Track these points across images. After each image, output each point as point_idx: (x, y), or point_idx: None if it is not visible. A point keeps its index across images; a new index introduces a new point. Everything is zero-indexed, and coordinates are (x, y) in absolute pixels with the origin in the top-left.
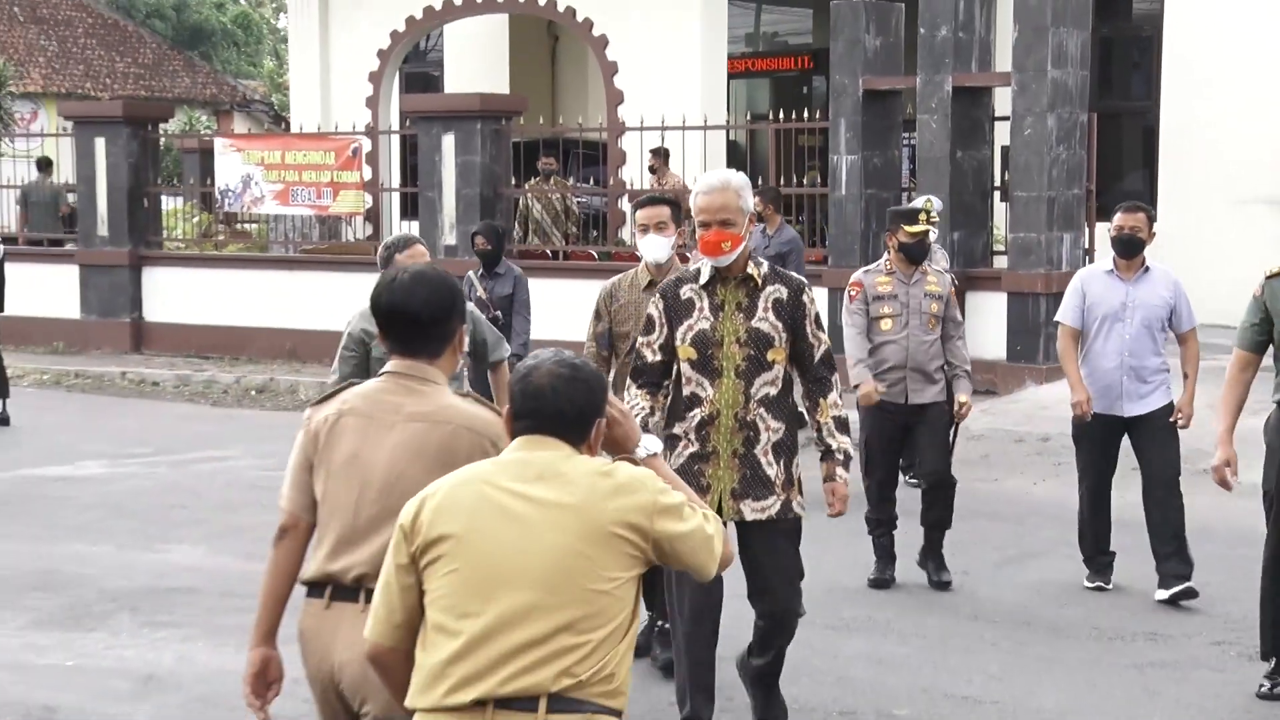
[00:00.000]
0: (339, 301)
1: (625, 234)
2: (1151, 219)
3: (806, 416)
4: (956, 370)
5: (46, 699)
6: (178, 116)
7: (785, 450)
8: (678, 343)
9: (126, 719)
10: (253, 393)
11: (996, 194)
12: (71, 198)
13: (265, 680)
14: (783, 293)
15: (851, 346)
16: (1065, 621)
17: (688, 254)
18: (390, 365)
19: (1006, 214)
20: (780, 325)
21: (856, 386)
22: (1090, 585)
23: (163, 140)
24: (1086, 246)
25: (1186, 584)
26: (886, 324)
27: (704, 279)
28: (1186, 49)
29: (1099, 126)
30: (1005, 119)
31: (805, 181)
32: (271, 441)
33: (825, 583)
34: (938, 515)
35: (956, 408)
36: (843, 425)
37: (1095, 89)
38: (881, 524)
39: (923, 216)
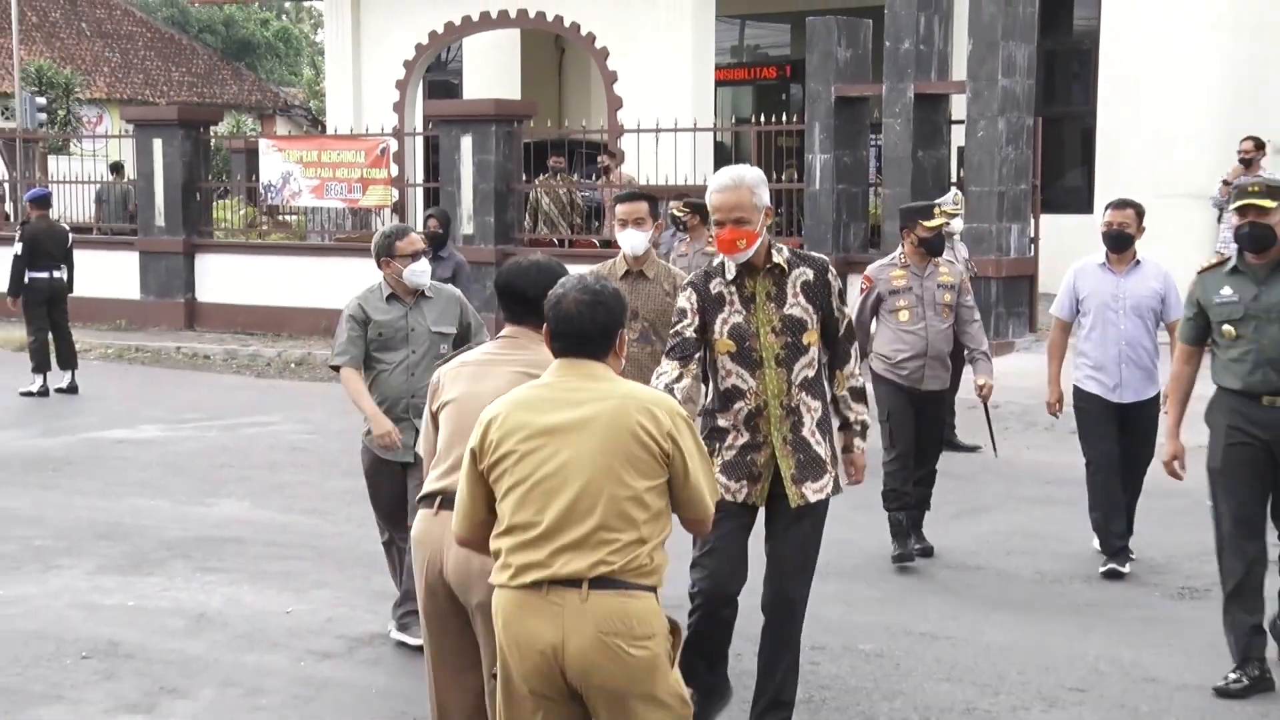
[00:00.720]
0: (368, 284)
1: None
2: (1140, 214)
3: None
4: (975, 353)
5: (111, 634)
6: (226, 120)
7: (827, 426)
8: (715, 336)
9: (180, 653)
10: (292, 365)
11: (953, 188)
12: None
13: None
14: (809, 274)
15: (862, 340)
16: (1011, 567)
17: (658, 243)
18: (504, 331)
19: (962, 206)
20: (811, 308)
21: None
22: (1106, 570)
23: (213, 141)
24: (1032, 235)
25: (1123, 563)
26: (904, 315)
27: (731, 274)
28: (1120, 61)
29: (1043, 129)
30: (960, 122)
31: (784, 178)
32: (308, 409)
33: None
34: (923, 493)
35: (977, 389)
36: (859, 395)
37: (1040, 96)
38: (901, 497)
39: (937, 210)
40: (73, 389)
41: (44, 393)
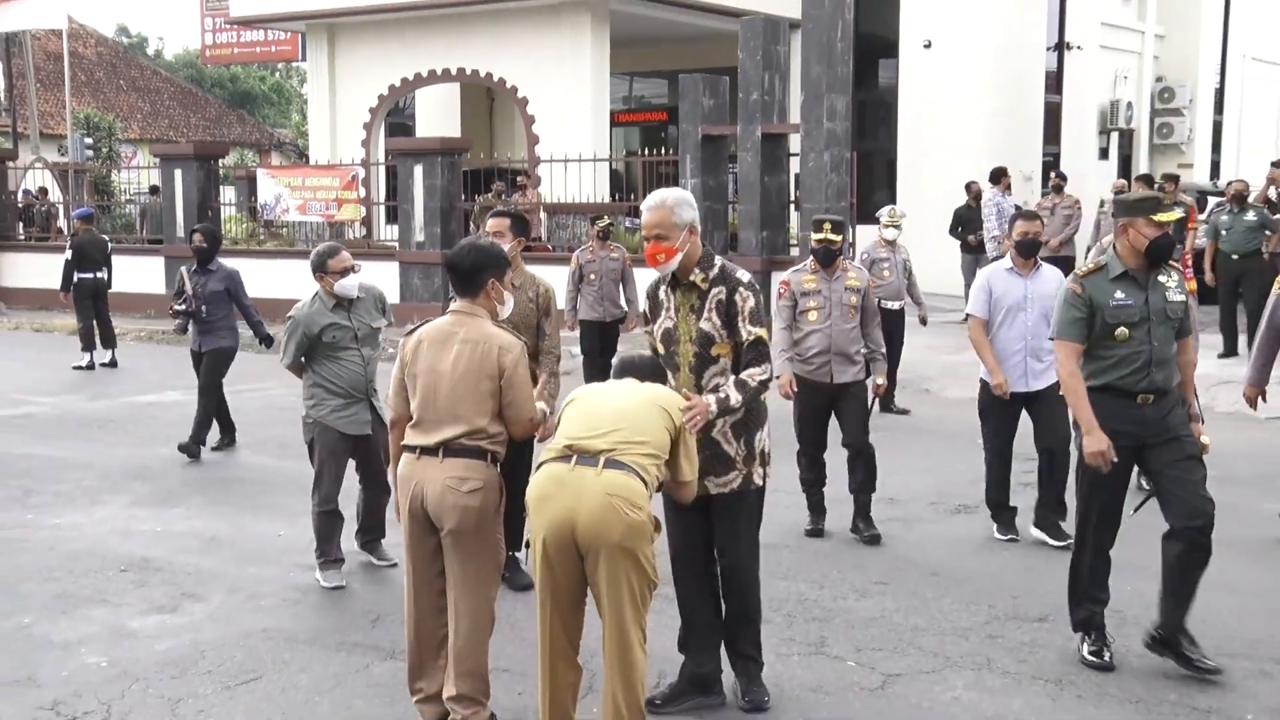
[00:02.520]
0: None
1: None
2: (1042, 225)
3: None
4: (874, 354)
5: (143, 553)
6: (231, 154)
7: (744, 429)
8: (655, 336)
9: (196, 566)
10: (282, 344)
11: (791, 206)
12: None
13: None
14: (723, 293)
15: (777, 338)
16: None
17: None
18: (453, 305)
19: (797, 219)
20: (720, 324)
21: (777, 377)
22: (1003, 538)
23: (221, 170)
24: (851, 241)
25: (1063, 539)
26: (813, 315)
27: (668, 281)
28: (913, 110)
29: (857, 161)
30: (796, 155)
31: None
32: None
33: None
34: (862, 479)
35: (872, 387)
36: (742, 385)
37: (854, 135)
38: (813, 483)
39: (826, 226)
40: (113, 364)
41: (90, 367)
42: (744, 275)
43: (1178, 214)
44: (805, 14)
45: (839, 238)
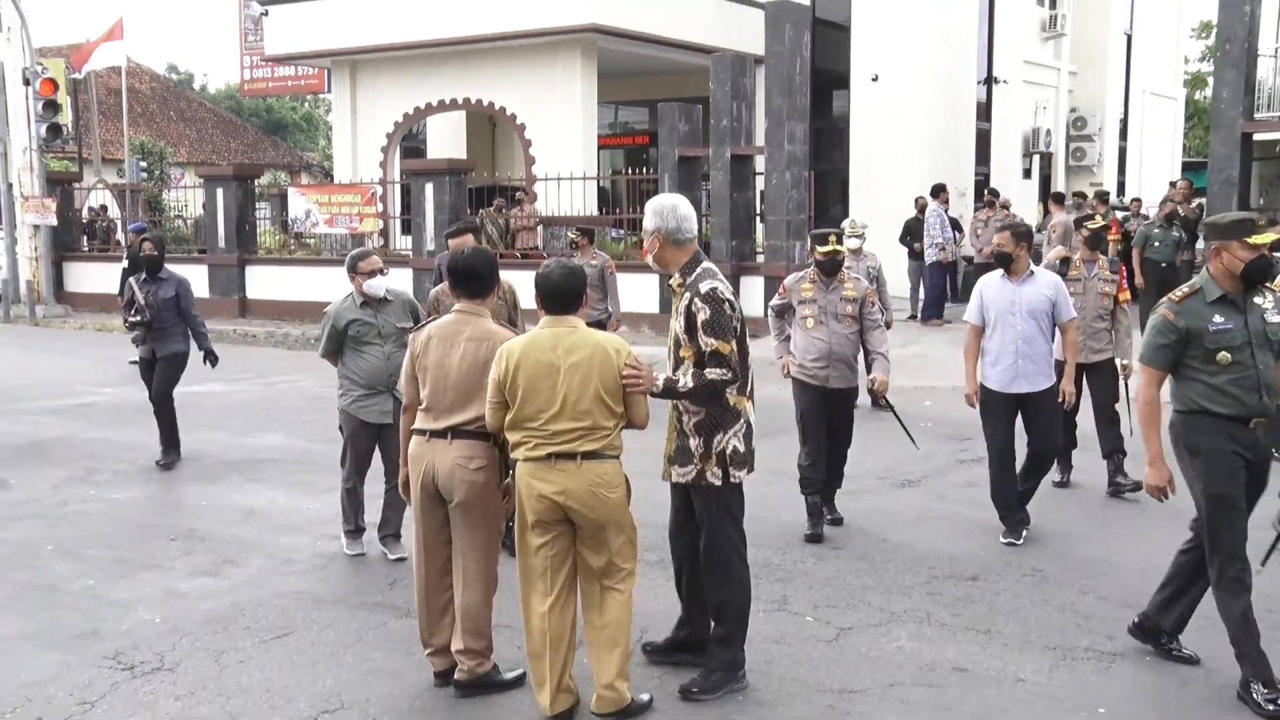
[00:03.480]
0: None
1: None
2: (1017, 236)
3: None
4: (873, 354)
5: (189, 524)
6: (266, 175)
7: (706, 429)
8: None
9: (236, 536)
10: (311, 340)
11: (757, 218)
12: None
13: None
14: (687, 300)
15: (772, 330)
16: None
17: None
18: (457, 305)
19: (763, 230)
20: (683, 327)
21: (779, 357)
22: (1006, 541)
23: (257, 189)
24: (809, 249)
25: (1020, 536)
26: (810, 323)
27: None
28: (863, 136)
29: (815, 179)
30: (761, 174)
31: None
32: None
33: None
34: (835, 472)
35: (870, 383)
36: (697, 377)
37: (812, 157)
38: (813, 485)
39: (832, 238)
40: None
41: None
42: (705, 285)
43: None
44: (768, 51)
45: (843, 249)
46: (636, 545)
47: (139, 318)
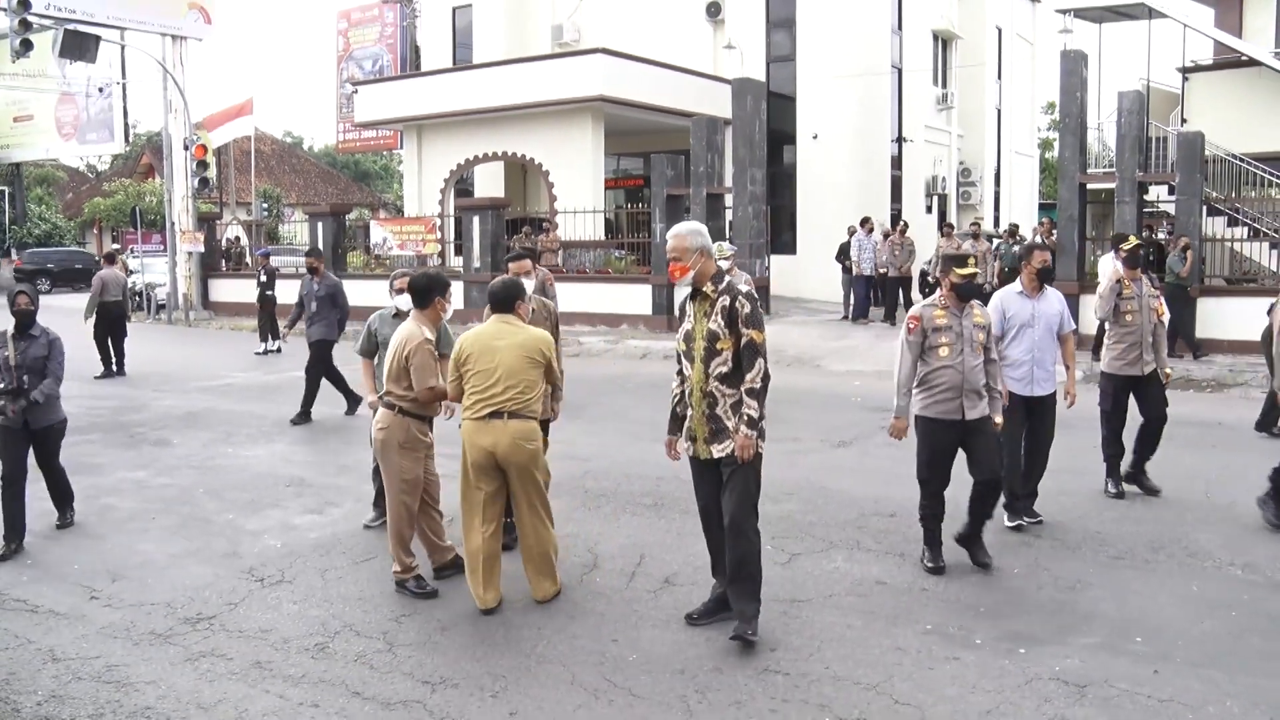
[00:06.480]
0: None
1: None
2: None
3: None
4: (993, 391)
5: (299, 474)
6: (354, 211)
7: (740, 408)
8: (678, 337)
9: (335, 484)
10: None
11: (722, 241)
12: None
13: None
14: (727, 300)
15: (902, 374)
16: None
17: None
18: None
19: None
20: (724, 324)
21: (896, 418)
22: (1011, 525)
23: (347, 222)
24: (767, 266)
25: (1017, 519)
26: (944, 351)
27: (689, 294)
28: (807, 179)
29: (770, 213)
30: (730, 208)
31: (640, 237)
32: None
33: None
34: (988, 509)
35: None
36: (754, 394)
37: (768, 195)
38: (932, 518)
39: (971, 261)
40: (278, 350)
41: (264, 352)
42: (744, 286)
43: (972, 270)
44: (734, 115)
45: (979, 272)
46: (546, 486)
47: (4, 385)
